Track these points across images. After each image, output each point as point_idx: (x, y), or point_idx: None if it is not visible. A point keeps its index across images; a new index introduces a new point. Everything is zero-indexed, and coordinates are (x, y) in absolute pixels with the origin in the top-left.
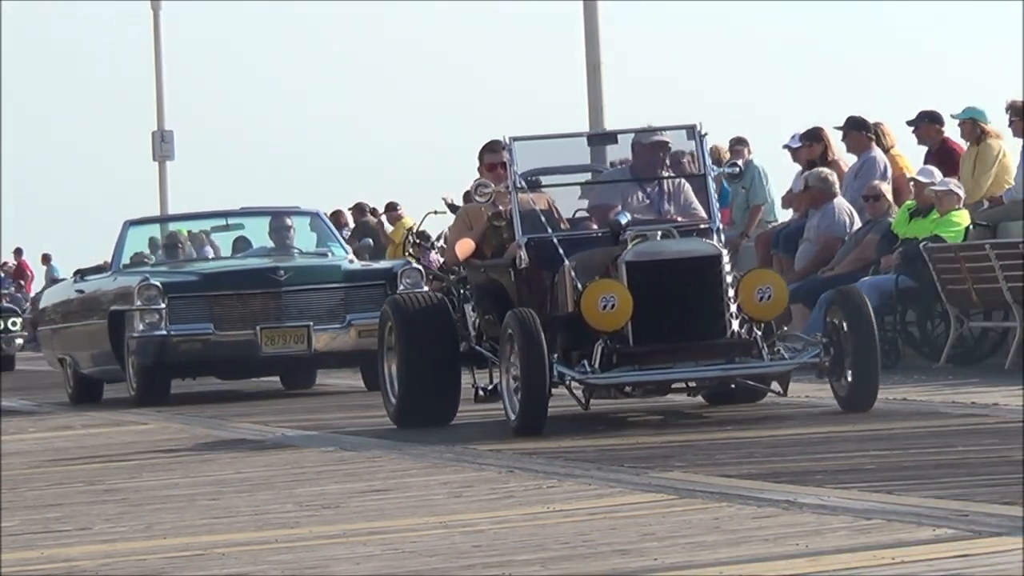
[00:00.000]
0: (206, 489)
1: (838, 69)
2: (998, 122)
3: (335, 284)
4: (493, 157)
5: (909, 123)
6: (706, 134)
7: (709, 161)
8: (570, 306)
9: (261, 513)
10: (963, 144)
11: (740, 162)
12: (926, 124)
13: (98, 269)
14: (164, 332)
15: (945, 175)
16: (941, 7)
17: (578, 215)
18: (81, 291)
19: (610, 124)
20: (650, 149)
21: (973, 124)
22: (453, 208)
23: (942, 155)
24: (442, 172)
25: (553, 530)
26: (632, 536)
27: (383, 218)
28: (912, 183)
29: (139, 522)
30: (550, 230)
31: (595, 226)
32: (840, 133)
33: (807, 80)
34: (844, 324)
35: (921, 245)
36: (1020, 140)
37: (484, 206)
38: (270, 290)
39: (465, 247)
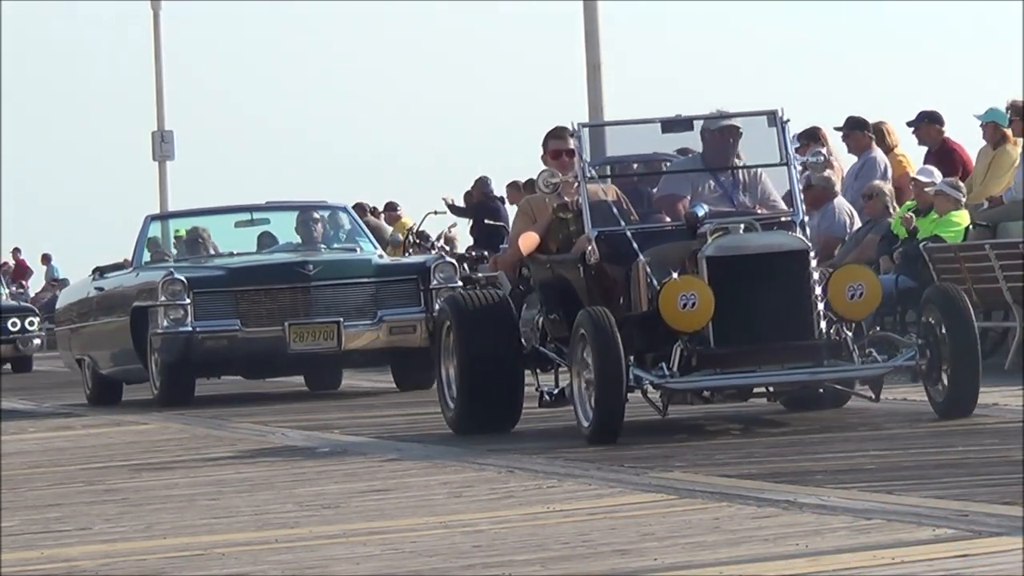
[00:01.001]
0: (206, 489)
1: (838, 69)
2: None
3: (365, 279)
4: (558, 144)
5: (909, 124)
6: (788, 120)
7: (792, 149)
8: (644, 304)
9: (261, 513)
10: (963, 144)
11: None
12: (926, 124)
13: (117, 267)
14: (189, 329)
15: (945, 175)
16: (941, 7)
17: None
18: (100, 289)
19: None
20: (719, 136)
21: (995, 127)
22: (453, 208)
23: (942, 155)
24: (442, 172)
25: (553, 530)
26: (632, 536)
27: (382, 218)
28: (912, 183)
29: (139, 522)
30: (623, 223)
31: (668, 218)
32: (838, 133)
33: (807, 80)
34: (942, 325)
35: (921, 245)
36: (1020, 140)
37: (549, 197)
38: (299, 285)
39: (529, 241)
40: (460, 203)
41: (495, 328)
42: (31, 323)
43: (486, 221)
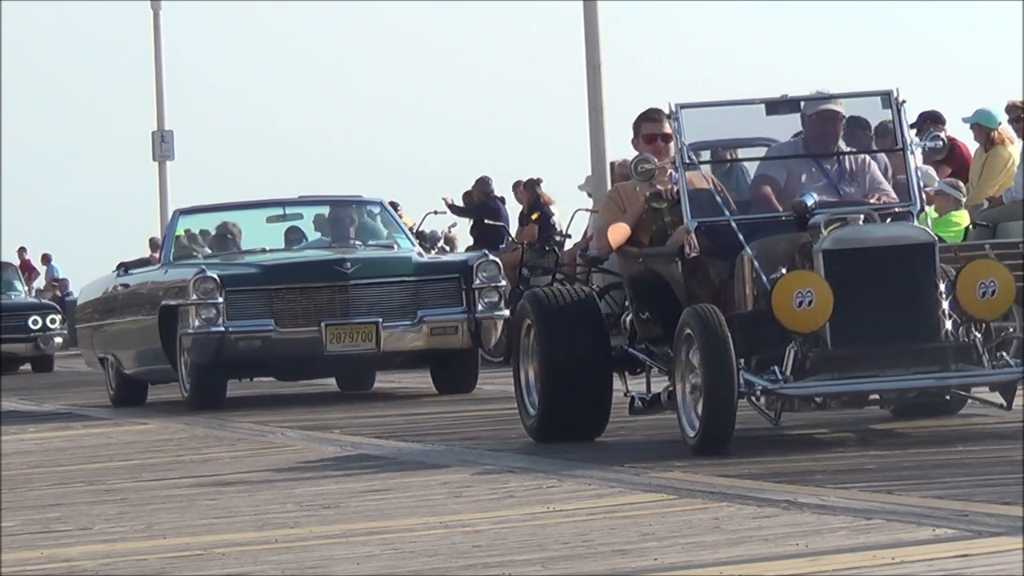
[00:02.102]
0: (206, 489)
1: (838, 69)
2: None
3: (405, 278)
4: (652, 127)
5: (911, 125)
6: (904, 102)
7: (911, 133)
8: (749, 302)
9: (261, 513)
10: (968, 144)
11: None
12: (927, 125)
13: (142, 262)
14: (221, 329)
15: (952, 175)
16: (941, 7)
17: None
18: (126, 285)
19: (610, 124)
20: (818, 120)
21: (981, 129)
22: (453, 208)
23: (947, 155)
24: (442, 172)
25: (553, 530)
26: (632, 536)
27: None
28: None
29: (139, 522)
30: (727, 212)
31: (777, 209)
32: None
33: (808, 80)
34: None
35: None
36: (1020, 141)
37: (640, 185)
38: (336, 284)
39: (618, 233)
40: (459, 203)
41: (581, 327)
42: (52, 321)
43: (486, 221)
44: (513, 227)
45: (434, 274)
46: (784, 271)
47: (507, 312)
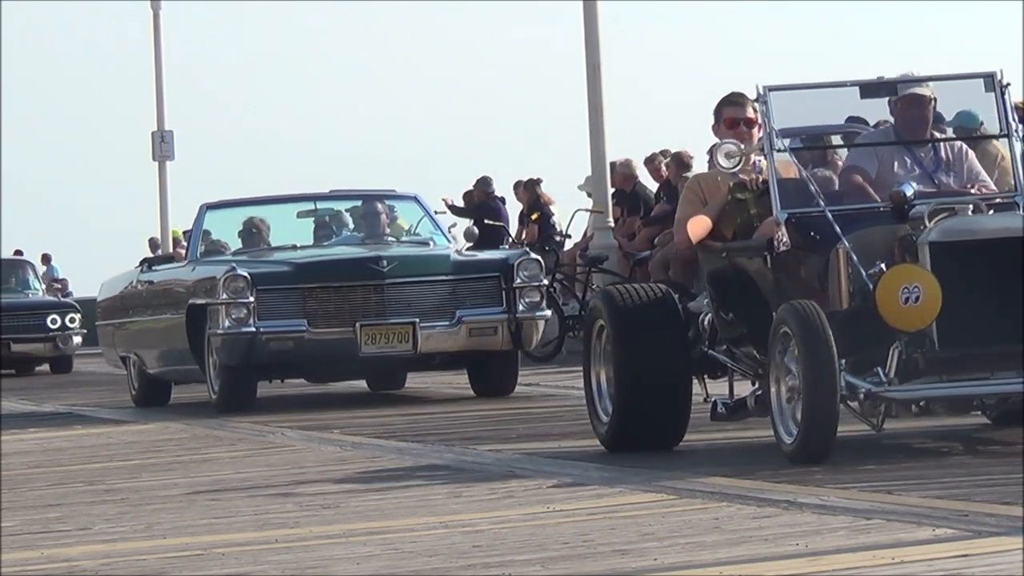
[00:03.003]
0: (206, 489)
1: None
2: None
3: (443, 276)
4: (735, 112)
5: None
6: (1008, 84)
7: (1015, 117)
8: (844, 299)
9: (261, 513)
10: None
11: None
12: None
13: (167, 259)
14: (252, 329)
15: None
16: (940, 7)
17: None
18: (150, 282)
19: (610, 124)
20: (905, 105)
21: (964, 132)
22: (453, 209)
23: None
24: (441, 172)
25: (553, 530)
26: (632, 536)
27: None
28: None
29: (139, 522)
30: (822, 203)
31: (873, 199)
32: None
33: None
34: None
35: None
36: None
37: (721, 175)
38: (371, 282)
39: (699, 226)
40: (460, 203)
41: (659, 328)
42: (72, 320)
43: (486, 221)
44: (513, 227)
45: (473, 273)
46: (883, 266)
47: (548, 312)
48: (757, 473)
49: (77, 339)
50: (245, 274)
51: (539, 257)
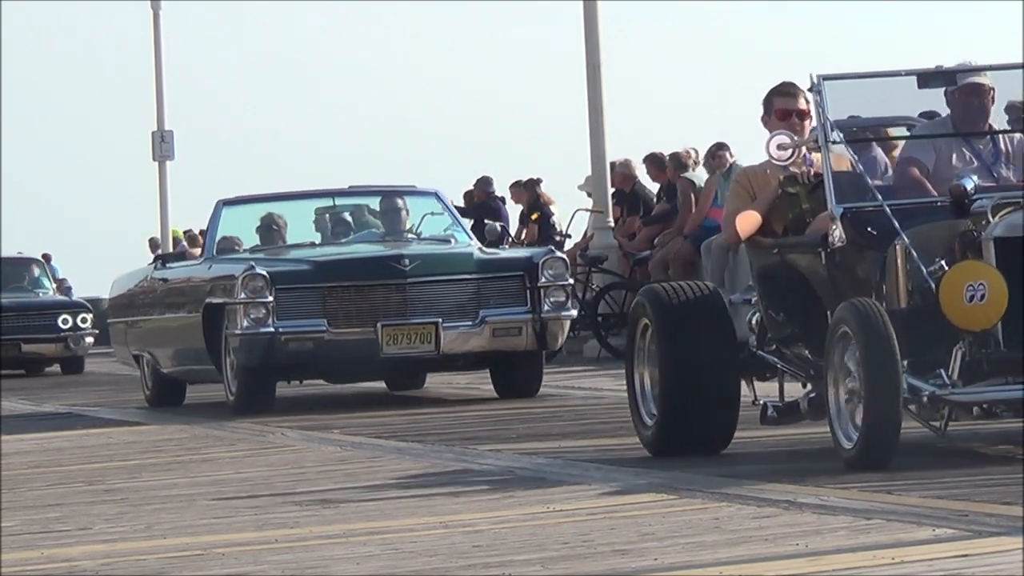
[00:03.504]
0: (206, 489)
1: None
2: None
3: (466, 275)
4: (786, 102)
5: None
6: None
7: None
8: (902, 297)
9: (261, 513)
10: None
11: (732, 162)
12: None
13: (181, 255)
14: (271, 329)
15: None
16: (940, 7)
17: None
18: (164, 279)
19: (610, 124)
20: (963, 95)
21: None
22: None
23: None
24: (441, 172)
25: (553, 530)
26: (632, 536)
27: None
28: None
29: (139, 522)
30: (880, 197)
31: (931, 193)
32: None
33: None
34: None
35: None
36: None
37: (771, 168)
38: (393, 281)
39: (748, 222)
40: (460, 203)
41: (706, 327)
42: (83, 320)
43: (486, 221)
44: (513, 227)
45: (497, 271)
46: (943, 263)
47: (574, 312)
48: (810, 479)
49: (89, 339)
50: (264, 273)
51: (564, 256)
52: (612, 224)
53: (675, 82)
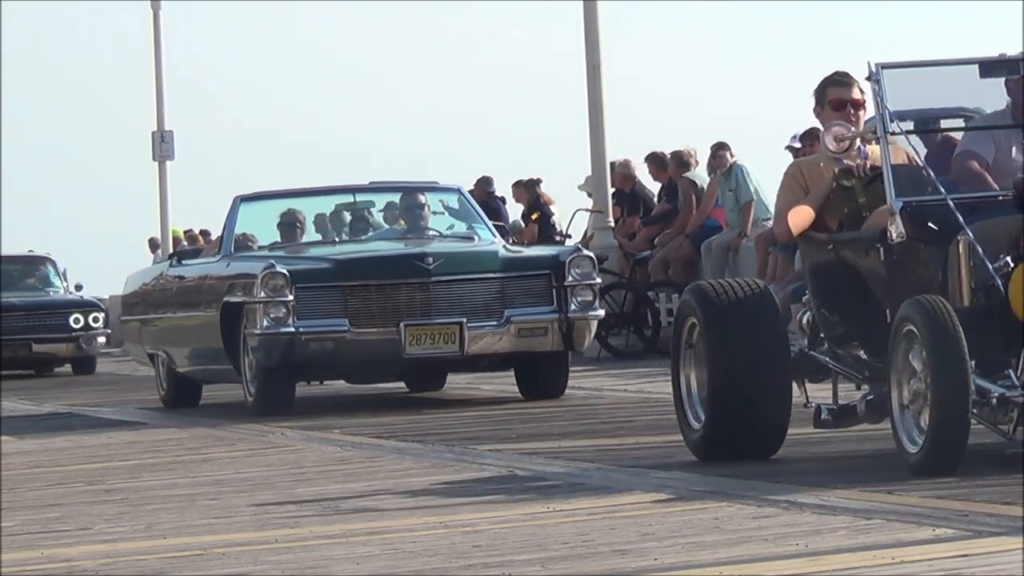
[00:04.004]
0: (206, 489)
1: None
2: None
3: (491, 274)
4: (840, 92)
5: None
6: None
7: None
8: (965, 295)
9: (261, 513)
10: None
11: (732, 162)
12: None
13: (197, 252)
14: (291, 329)
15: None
16: (940, 7)
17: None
18: (180, 277)
19: (610, 124)
20: (1020, 86)
21: None
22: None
23: (943, 154)
24: (442, 173)
25: (553, 530)
26: (632, 536)
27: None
28: None
29: (139, 522)
30: (943, 190)
31: (993, 187)
32: None
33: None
34: None
35: None
36: None
37: (824, 161)
38: (417, 280)
39: (801, 217)
40: None
41: (757, 326)
42: (95, 319)
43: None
44: None
45: (522, 270)
46: (1008, 259)
47: (601, 312)
48: (871, 486)
49: (101, 339)
50: (284, 271)
51: (592, 254)
52: (612, 224)
53: (675, 82)
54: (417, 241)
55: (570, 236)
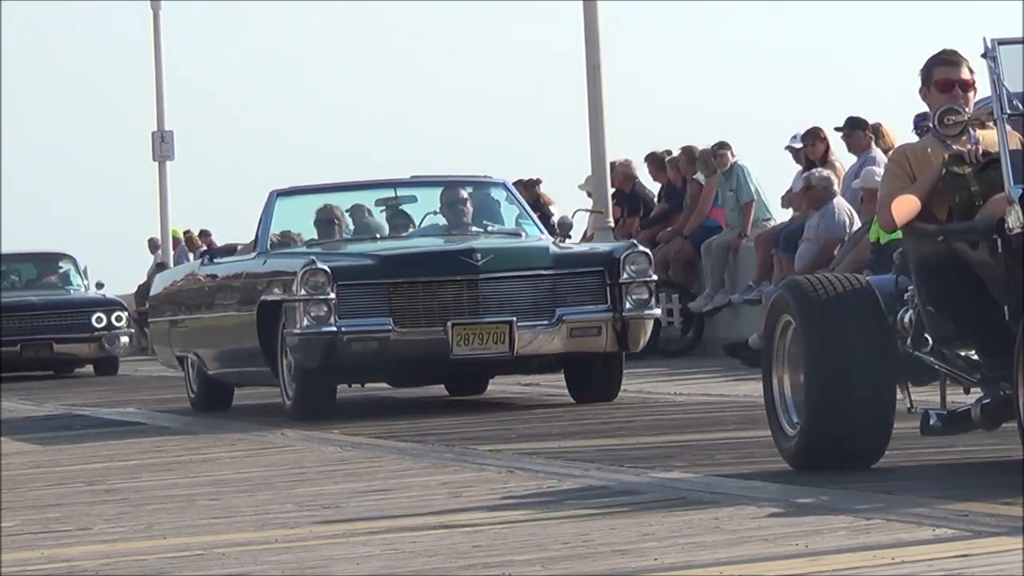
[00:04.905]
0: (206, 489)
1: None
2: None
3: (542, 271)
4: (948, 72)
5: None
6: None
7: None
8: None
9: (261, 513)
10: None
11: (733, 162)
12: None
13: (228, 250)
14: (333, 329)
15: None
16: (940, 7)
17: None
18: (212, 276)
19: (610, 124)
20: None
21: None
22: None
23: None
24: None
25: (553, 530)
26: (632, 536)
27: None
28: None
29: (139, 522)
30: None
31: None
32: (838, 134)
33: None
34: None
35: None
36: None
37: (933, 147)
38: (465, 277)
39: (907, 206)
40: None
41: (860, 325)
42: (118, 319)
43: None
44: None
45: (574, 267)
46: None
47: (658, 311)
48: (871, 486)
49: (124, 339)
50: (326, 268)
51: (647, 250)
52: (612, 224)
53: (675, 82)
54: (462, 237)
55: (570, 236)
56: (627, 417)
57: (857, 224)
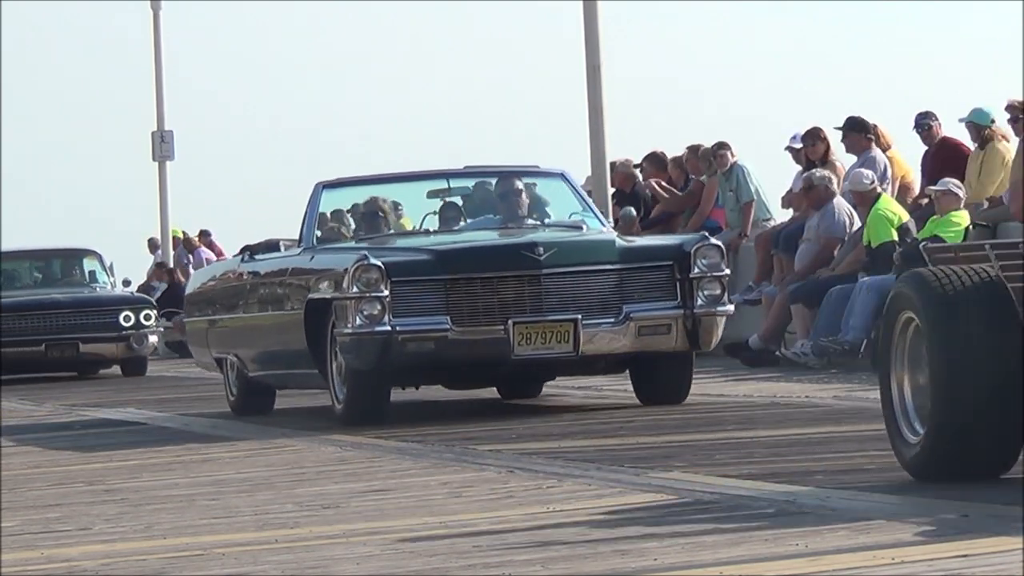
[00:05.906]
0: (206, 489)
1: (838, 70)
2: (1001, 122)
3: (608, 265)
4: None
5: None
6: None
7: None
8: None
9: (261, 513)
10: (965, 143)
11: (733, 162)
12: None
13: (270, 246)
14: (387, 328)
15: (946, 174)
16: (941, 7)
17: None
18: (255, 273)
19: (610, 125)
20: None
21: (975, 127)
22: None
23: (944, 154)
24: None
25: (553, 530)
26: (632, 536)
27: None
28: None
29: (139, 522)
30: None
31: None
32: (839, 134)
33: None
34: None
35: (921, 245)
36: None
37: None
38: (527, 273)
39: None
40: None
41: (988, 324)
42: (147, 317)
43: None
44: None
45: (642, 261)
46: None
47: (731, 307)
48: (871, 486)
49: (153, 339)
50: (379, 263)
51: (720, 243)
52: (612, 224)
53: (675, 82)
54: (519, 230)
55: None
56: (627, 417)
57: (857, 224)
